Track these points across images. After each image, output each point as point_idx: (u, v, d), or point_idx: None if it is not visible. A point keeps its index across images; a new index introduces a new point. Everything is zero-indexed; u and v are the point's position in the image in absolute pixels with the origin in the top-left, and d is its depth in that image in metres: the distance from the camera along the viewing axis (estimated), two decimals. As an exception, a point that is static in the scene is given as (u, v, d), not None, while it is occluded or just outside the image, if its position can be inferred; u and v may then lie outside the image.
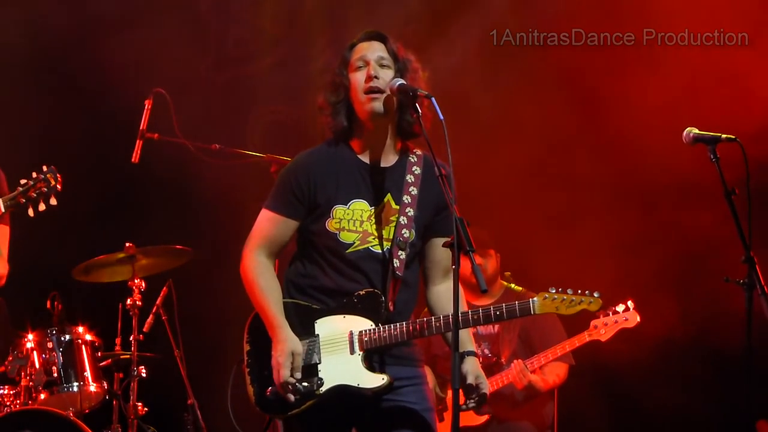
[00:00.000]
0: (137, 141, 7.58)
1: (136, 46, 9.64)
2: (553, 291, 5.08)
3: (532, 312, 5.08)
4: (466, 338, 5.20)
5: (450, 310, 4.99)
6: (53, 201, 6.46)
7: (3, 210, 6.34)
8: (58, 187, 6.47)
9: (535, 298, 5.08)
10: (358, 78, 5.19)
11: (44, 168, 6.47)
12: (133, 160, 7.60)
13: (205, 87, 10.05)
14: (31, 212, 6.44)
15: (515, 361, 7.76)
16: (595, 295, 5.12)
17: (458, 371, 4.68)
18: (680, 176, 8.32)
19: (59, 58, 9.71)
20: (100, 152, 8.79)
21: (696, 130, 5.76)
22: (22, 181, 6.43)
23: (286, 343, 5.08)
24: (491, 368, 7.89)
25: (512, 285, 8.25)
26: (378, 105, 5.15)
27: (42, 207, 6.44)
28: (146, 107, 7.66)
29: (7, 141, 9.23)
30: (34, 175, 6.42)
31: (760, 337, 5.42)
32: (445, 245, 4.84)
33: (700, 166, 5.94)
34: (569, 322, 7.79)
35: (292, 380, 5.04)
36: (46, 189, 6.40)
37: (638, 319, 7.46)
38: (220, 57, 10.24)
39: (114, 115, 9.37)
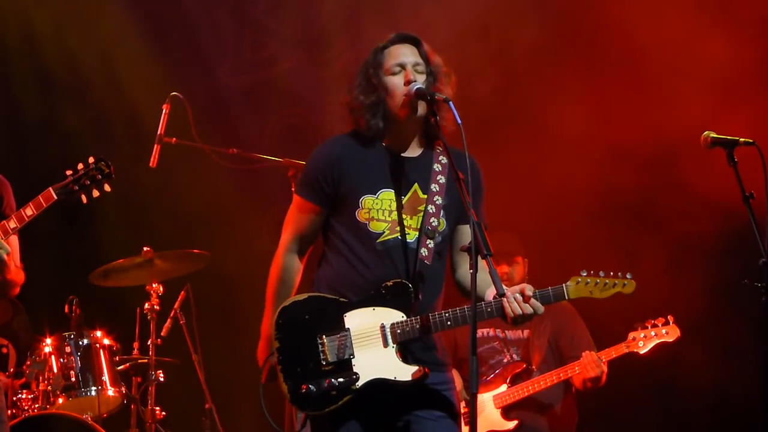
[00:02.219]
0: (155, 145, 7.58)
1: (153, 51, 9.67)
2: (585, 274, 5.03)
3: (566, 297, 5.05)
4: (489, 290, 5.11)
5: (484, 288, 5.04)
6: (107, 188, 6.51)
7: (55, 198, 6.38)
8: (113, 174, 6.53)
9: (568, 283, 5.05)
10: (395, 82, 5.19)
11: (91, 159, 6.52)
12: (151, 164, 7.60)
13: (222, 91, 10.07)
14: (84, 199, 6.49)
15: (585, 352, 7.66)
16: (628, 276, 5.07)
17: (476, 375, 4.66)
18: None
19: (76, 60, 9.74)
20: (118, 157, 8.78)
21: (714, 134, 5.75)
22: (68, 172, 6.47)
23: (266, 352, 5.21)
24: (521, 375, 7.85)
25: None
26: (420, 111, 5.16)
27: (96, 194, 6.49)
28: (164, 111, 7.66)
29: (22, 146, 9.30)
30: (81, 166, 6.47)
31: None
32: (462, 249, 4.85)
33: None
34: (607, 332, 7.76)
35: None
36: (100, 176, 6.45)
37: (679, 333, 7.40)
38: (237, 61, 10.25)
39: (131, 119, 9.39)
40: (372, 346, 5.12)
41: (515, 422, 7.79)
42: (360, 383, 5.08)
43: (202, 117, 7.82)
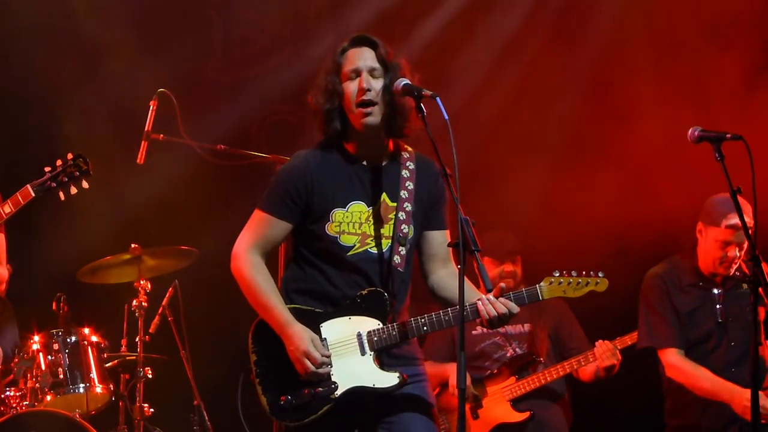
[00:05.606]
0: (142, 142, 7.56)
1: (140, 47, 9.65)
2: (557, 274, 5.08)
3: (540, 297, 5.08)
4: (473, 294, 5.13)
5: (469, 295, 5.03)
6: (85, 184, 6.56)
7: (33, 195, 6.39)
8: (90, 171, 6.54)
9: (541, 283, 5.08)
10: (351, 88, 5.19)
11: (70, 156, 6.53)
12: (138, 160, 7.59)
13: (210, 87, 10.05)
14: (62, 196, 6.52)
15: (599, 341, 7.65)
16: (600, 275, 5.12)
17: (464, 371, 4.66)
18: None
19: (62, 56, 9.71)
20: (105, 153, 8.79)
21: (701, 129, 5.76)
22: (47, 168, 6.48)
23: (304, 333, 5.08)
24: (527, 366, 7.85)
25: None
26: (372, 120, 5.18)
27: (74, 191, 6.53)
28: (151, 108, 7.64)
29: (10, 142, 9.26)
30: (59, 162, 6.48)
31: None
32: (450, 245, 4.88)
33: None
34: (611, 320, 7.78)
35: (326, 360, 5.06)
36: (78, 173, 6.48)
37: None
38: (225, 57, 10.24)
39: (118, 115, 9.37)
40: (349, 355, 5.14)
41: (527, 413, 7.78)
42: (339, 392, 5.10)
43: (190, 113, 7.80)
